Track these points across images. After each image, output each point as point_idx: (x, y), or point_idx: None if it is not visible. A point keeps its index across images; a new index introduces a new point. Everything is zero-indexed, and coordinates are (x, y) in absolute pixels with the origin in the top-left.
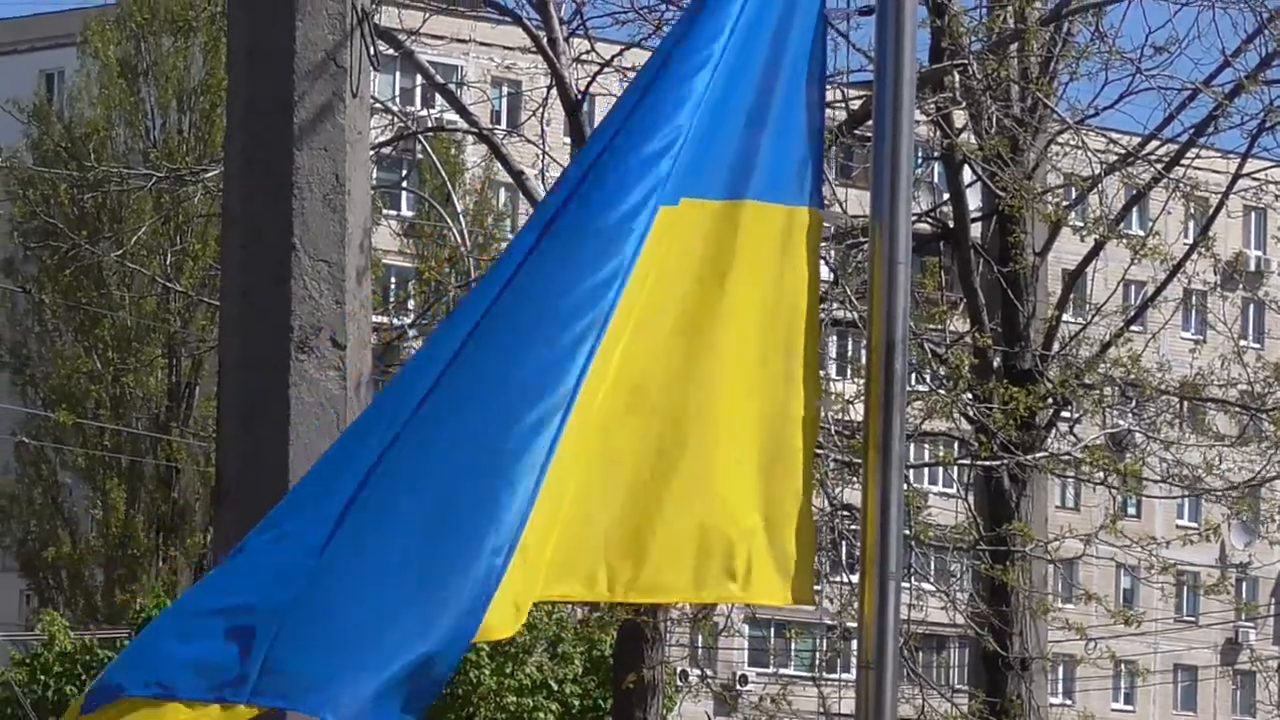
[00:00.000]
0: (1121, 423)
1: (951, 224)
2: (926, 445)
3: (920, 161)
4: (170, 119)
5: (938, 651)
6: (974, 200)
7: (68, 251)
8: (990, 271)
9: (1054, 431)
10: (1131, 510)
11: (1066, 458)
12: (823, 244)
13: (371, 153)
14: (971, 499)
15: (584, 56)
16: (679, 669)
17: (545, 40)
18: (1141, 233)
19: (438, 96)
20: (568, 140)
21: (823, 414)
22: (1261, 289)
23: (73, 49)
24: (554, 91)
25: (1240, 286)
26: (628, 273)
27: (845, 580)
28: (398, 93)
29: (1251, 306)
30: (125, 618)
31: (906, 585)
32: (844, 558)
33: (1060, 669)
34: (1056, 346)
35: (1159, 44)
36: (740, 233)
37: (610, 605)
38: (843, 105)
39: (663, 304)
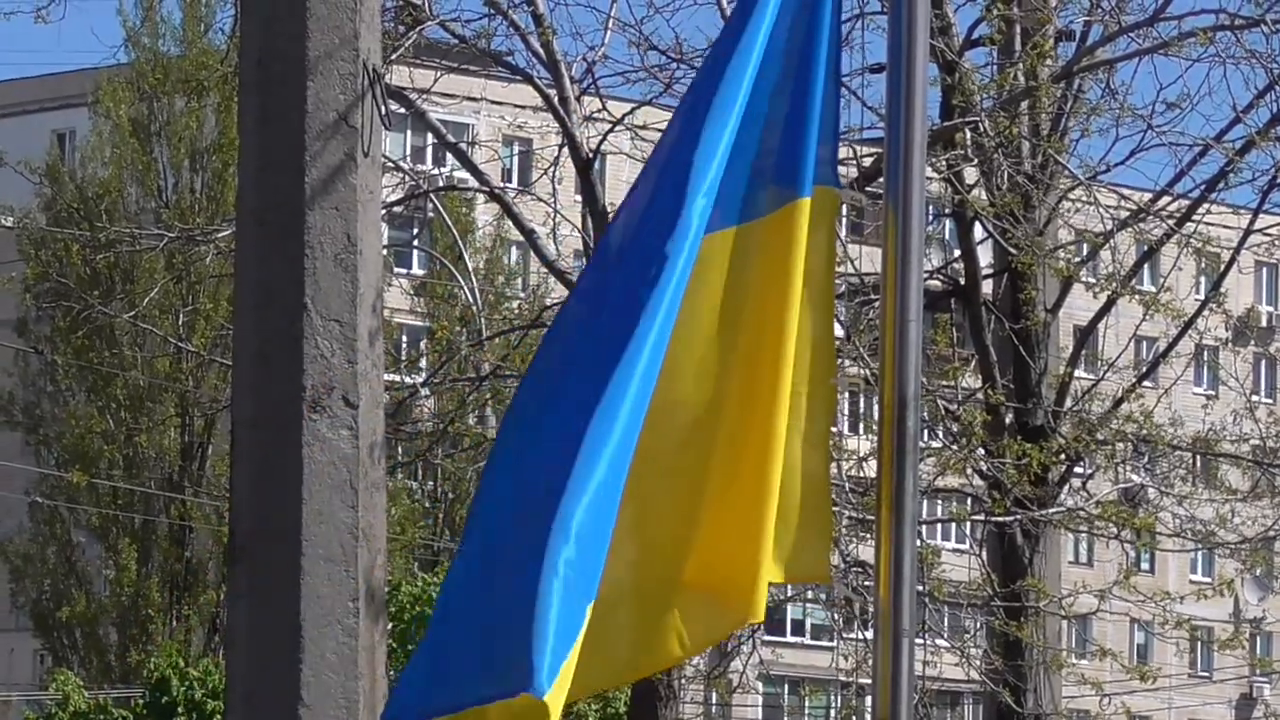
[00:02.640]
0: (1134, 478)
1: (963, 281)
2: (939, 501)
3: (931, 218)
4: (182, 179)
5: (952, 707)
6: (985, 257)
7: (80, 312)
8: (1002, 328)
9: (1067, 487)
10: (1145, 565)
11: (1080, 513)
12: (835, 300)
13: (383, 211)
14: (985, 555)
15: (595, 115)
16: None
17: (556, 99)
18: (1153, 288)
19: (449, 155)
20: (579, 198)
21: (836, 471)
22: (1273, 344)
23: (84, 109)
24: (565, 150)
25: (1252, 342)
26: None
27: (859, 637)
28: (409, 151)
29: (1263, 362)
30: (139, 677)
31: (920, 641)
32: (858, 614)
33: None
34: (1069, 402)
35: (1170, 100)
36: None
37: None
38: (854, 162)
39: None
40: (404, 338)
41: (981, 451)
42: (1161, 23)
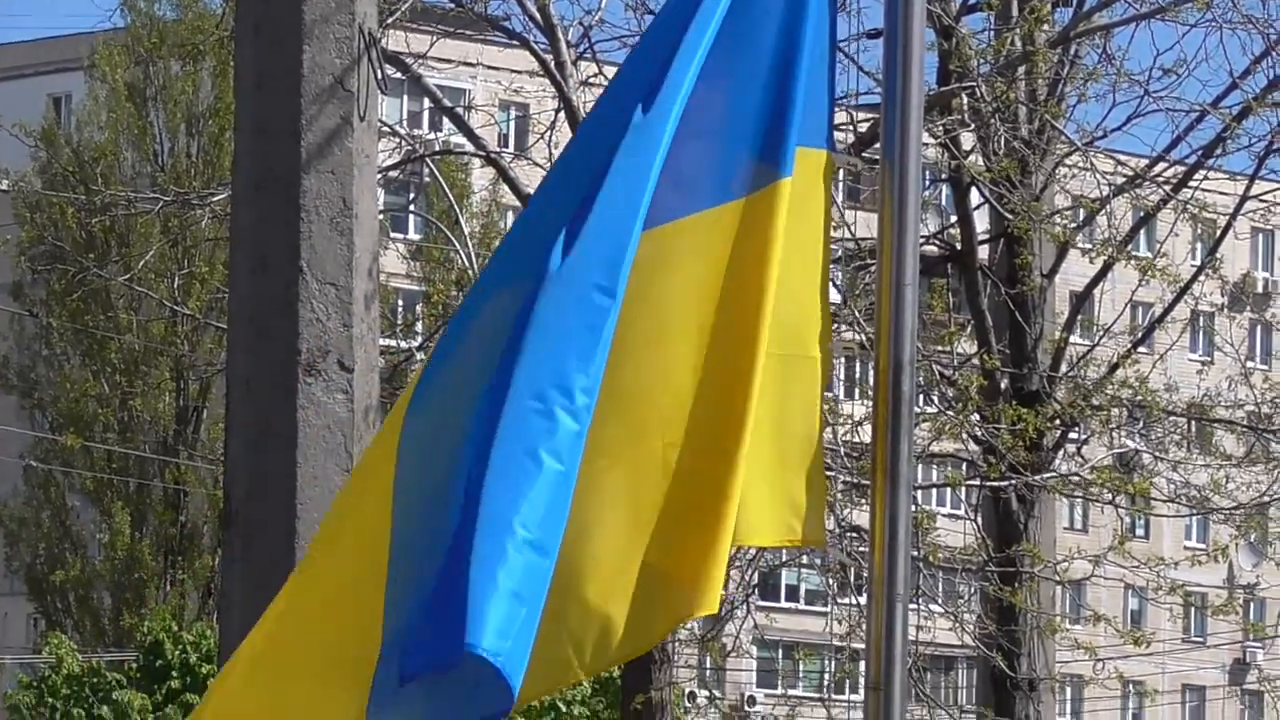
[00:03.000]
0: (1129, 443)
1: (959, 246)
2: (935, 466)
3: (928, 184)
4: (178, 143)
5: (946, 672)
6: (982, 222)
7: (75, 275)
8: (998, 293)
9: (1062, 452)
10: (1139, 531)
11: (1075, 478)
12: (832, 265)
13: (379, 176)
14: (979, 520)
15: (591, 80)
16: (687, 690)
17: (553, 64)
18: (1149, 254)
19: (445, 120)
20: None
21: (831, 435)
22: (1269, 310)
23: (80, 73)
24: (561, 115)
25: (1247, 308)
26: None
27: (853, 602)
28: (405, 116)
29: (1259, 328)
30: (133, 641)
31: (915, 606)
32: (852, 579)
33: (1068, 689)
34: (1064, 368)
35: (1167, 66)
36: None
37: None
38: (851, 127)
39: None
40: (400, 302)
41: (977, 417)
42: None
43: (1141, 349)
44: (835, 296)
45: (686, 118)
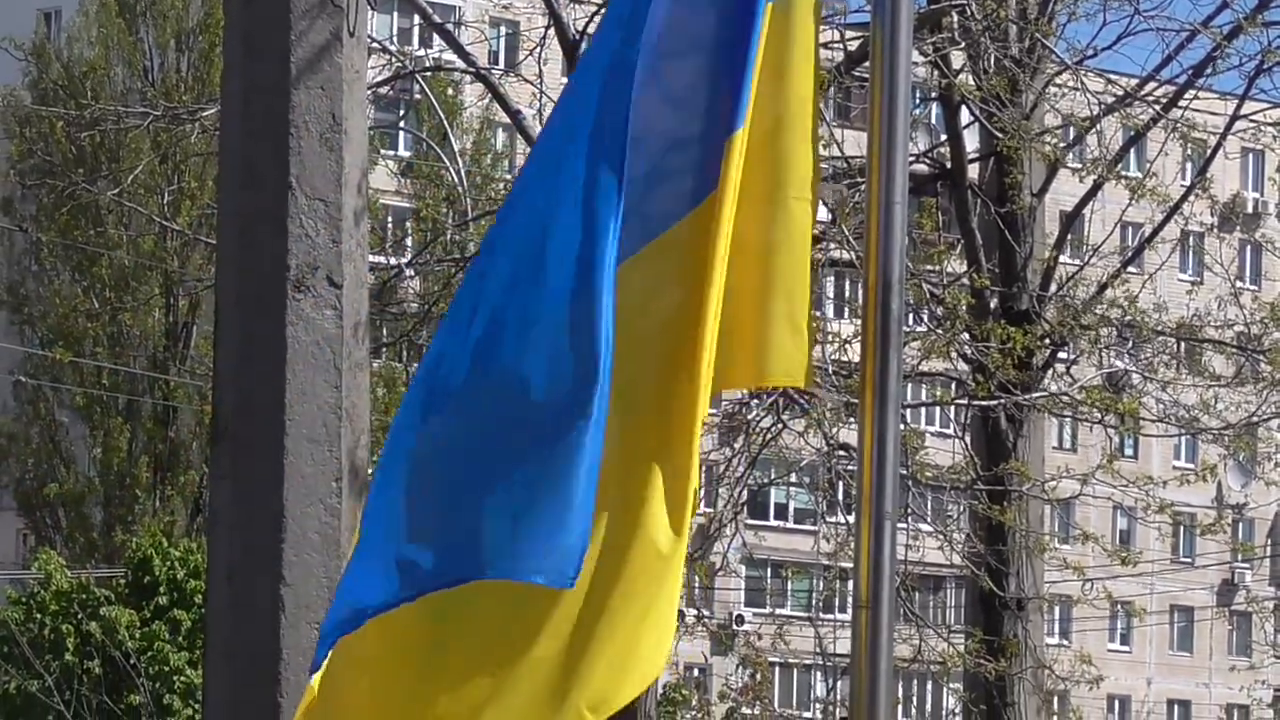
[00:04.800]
0: (1118, 363)
1: (949, 165)
2: (924, 385)
3: (918, 102)
4: (168, 58)
5: (934, 591)
6: (972, 141)
7: (65, 190)
8: (988, 212)
9: (1051, 372)
10: (1128, 451)
11: (1064, 398)
12: (822, 183)
13: (369, 92)
14: (968, 439)
15: None
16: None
17: None
18: (1139, 174)
19: (435, 36)
20: (565, 80)
21: (819, 354)
22: (1258, 230)
23: None
24: (552, 31)
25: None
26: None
27: (842, 520)
28: (395, 32)
29: (1248, 248)
30: (122, 556)
31: (903, 525)
32: (841, 498)
33: (1057, 609)
34: (1054, 287)
35: None
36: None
37: None
38: (840, 46)
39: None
40: (389, 219)
41: (966, 336)
42: None
43: (1131, 269)
44: (824, 214)
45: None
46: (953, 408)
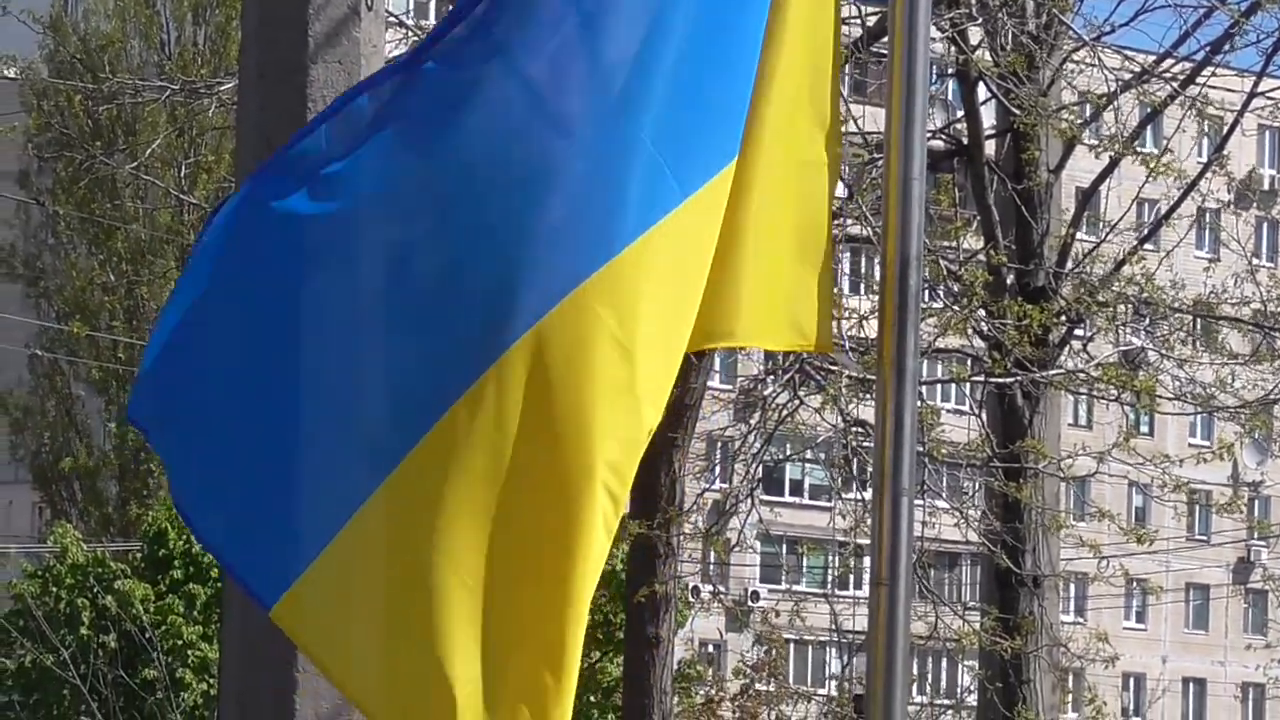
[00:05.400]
0: (1135, 340)
1: (966, 141)
2: (940, 362)
3: (935, 78)
4: (185, 32)
5: (950, 568)
6: (988, 117)
7: (82, 163)
8: (1004, 189)
9: (1067, 349)
10: (1144, 428)
11: (1080, 375)
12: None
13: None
14: (985, 416)
15: None
16: (691, 584)
17: None
18: (1156, 151)
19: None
20: None
21: (836, 330)
22: (1275, 207)
23: None
24: None
25: (1254, 205)
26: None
27: (858, 497)
28: (412, 6)
29: (1265, 225)
30: (138, 530)
31: (919, 502)
32: (857, 474)
33: (1072, 586)
34: (1070, 264)
35: None
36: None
37: (622, 519)
38: (858, 21)
39: None
40: None
41: (982, 312)
42: None
43: (1147, 246)
44: (841, 190)
45: None
46: (969, 384)
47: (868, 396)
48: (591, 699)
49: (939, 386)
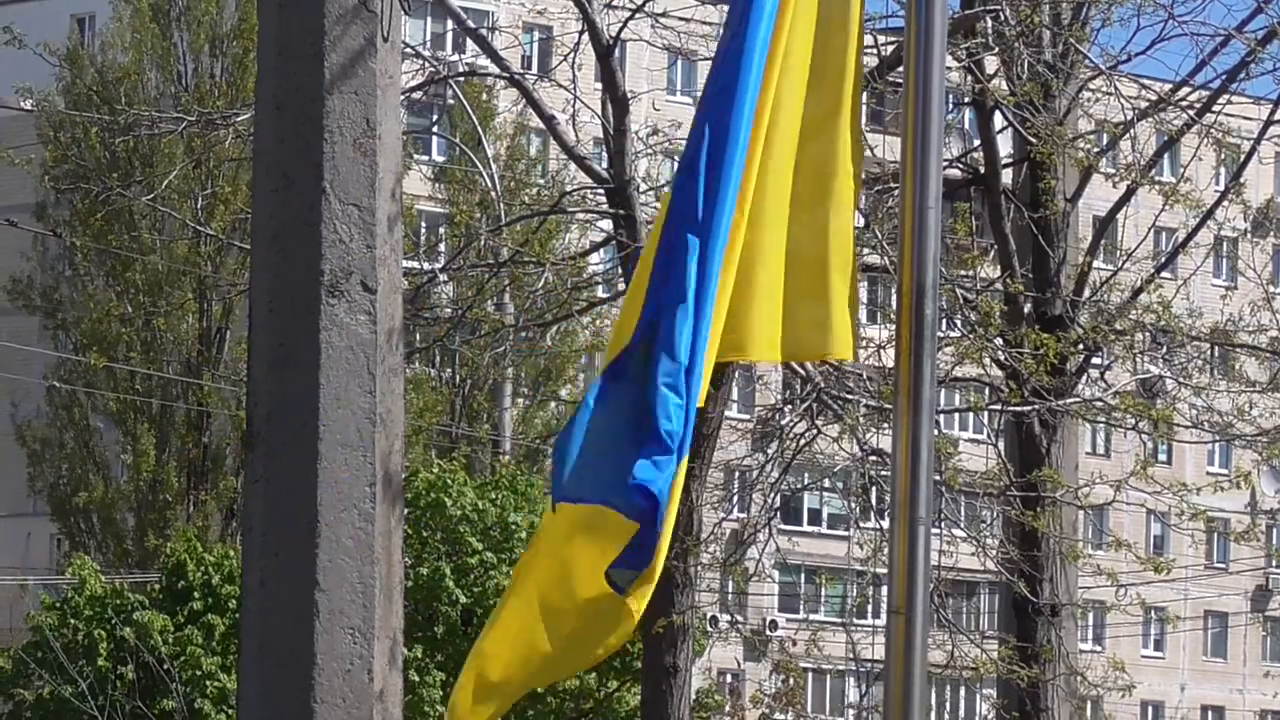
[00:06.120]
0: (1152, 368)
1: (982, 170)
2: (957, 391)
3: (951, 107)
4: (202, 64)
5: (968, 597)
6: (1005, 146)
7: (99, 195)
8: (1021, 217)
9: (1085, 377)
10: (1162, 457)
11: (1097, 404)
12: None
13: (402, 98)
14: (1002, 445)
15: (615, 2)
16: (709, 614)
17: None
18: (1173, 179)
19: (469, 41)
20: (598, 85)
21: (854, 359)
22: None
23: None
24: (585, 36)
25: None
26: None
27: (876, 526)
28: (429, 38)
29: None
30: (156, 562)
31: (937, 531)
32: (874, 503)
33: (1090, 615)
34: (1087, 292)
35: None
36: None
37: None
38: (874, 51)
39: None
40: (423, 224)
41: (999, 341)
42: None
43: (1164, 274)
44: (858, 219)
45: None
46: (986, 413)
47: (885, 426)
48: None
49: (956, 415)
